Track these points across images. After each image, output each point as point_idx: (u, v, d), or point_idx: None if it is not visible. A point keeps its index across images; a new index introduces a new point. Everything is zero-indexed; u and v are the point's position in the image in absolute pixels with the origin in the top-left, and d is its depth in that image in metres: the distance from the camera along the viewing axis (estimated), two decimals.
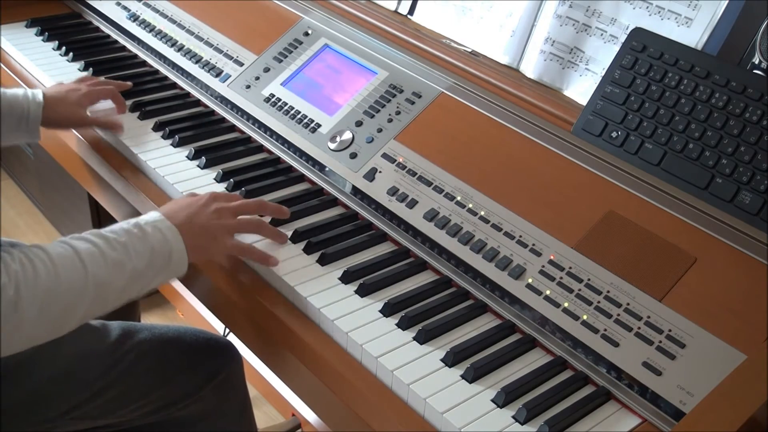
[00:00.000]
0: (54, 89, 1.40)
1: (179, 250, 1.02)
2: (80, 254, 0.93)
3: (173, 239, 1.01)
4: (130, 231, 0.99)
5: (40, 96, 1.34)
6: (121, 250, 0.96)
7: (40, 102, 1.33)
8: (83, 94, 1.40)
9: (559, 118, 1.22)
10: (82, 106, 1.39)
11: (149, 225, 1.01)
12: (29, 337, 0.92)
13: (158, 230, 1.01)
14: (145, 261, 0.98)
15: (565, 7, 1.31)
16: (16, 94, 1.32)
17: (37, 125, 1.34)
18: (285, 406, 1.96)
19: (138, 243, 0.98)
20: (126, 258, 0.96)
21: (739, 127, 1.06)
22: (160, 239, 1.00)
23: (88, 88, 1.42)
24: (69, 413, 1.17)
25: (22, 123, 1.32)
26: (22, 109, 1.32)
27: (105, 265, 0.94)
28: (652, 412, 0.93)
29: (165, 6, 1.69)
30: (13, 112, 1.31)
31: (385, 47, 1.41)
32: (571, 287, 1.03)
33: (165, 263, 1.01)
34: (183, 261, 1.03)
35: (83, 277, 0.92)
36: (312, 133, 1.35)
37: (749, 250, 0.99)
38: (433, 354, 1.01)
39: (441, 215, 1.16)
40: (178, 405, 1.27)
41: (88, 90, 1.41)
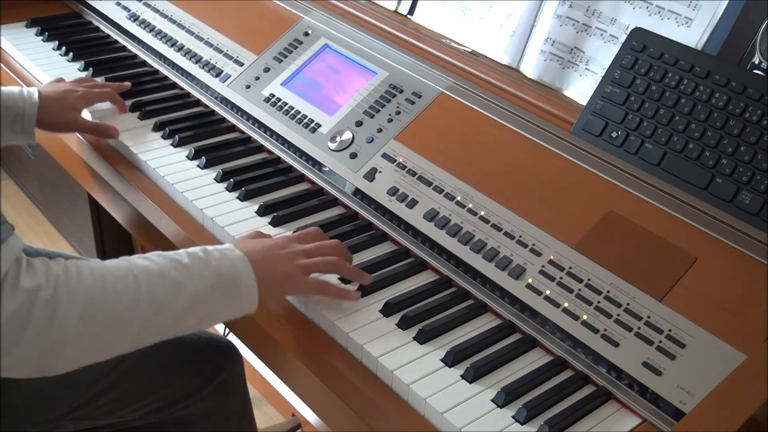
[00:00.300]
0: (51, 88, 1.38)
1: (248, 279, 0.94)
2: (134, 268, 0.88)
3: (242, 267, 0.94)
4: (195, 254, 0.93)
5: (35, 95, 1.32)
6: (182, 270, 0.90)
7: (35, 102, 1.31)
8: (79, 96, 1.39)
9: (559, 118, 1.22)
10: (77, 110, 1.38)
11: (217, 251, 0.95)
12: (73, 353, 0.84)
13: (226, 257, 0.95)
14: (209, 284, 0.91)
15: (565, 7, 1.31)
16: (11, 92, 1.31)
17: (32, 126, 1.32)
18: (285, 406, 1.96)
19: (202, 265, 0.92)
20: (187, 279, 0.90)
21: (739, 127, 1.06)
22: (227, 266, 0.93)
23: (85, 90, 1.40)
24: (70, 414, 1.17)
25: (17, 123, 1.31)
26: (17, 108, 1.30)
27: (161, 282, 0.88)
28: (652, 412, 0.93)
29: (165, 6, 1.69)
30: (8, 111, 1.29)
31: (385, 47, 1.41)
32: (571, 287, 1.03)
33: (232, 292, 0.93)
34: (253, 293, 0.95)
35: (134, 292, 0.86)
36: (312, 133, 1.35)
37: (749, 250, 0.99)
38: (433, 354, 1.01)
39: (441, 215, 1.16)
40: (178, 405, 1.27)
41: (84, 92, 1.40)
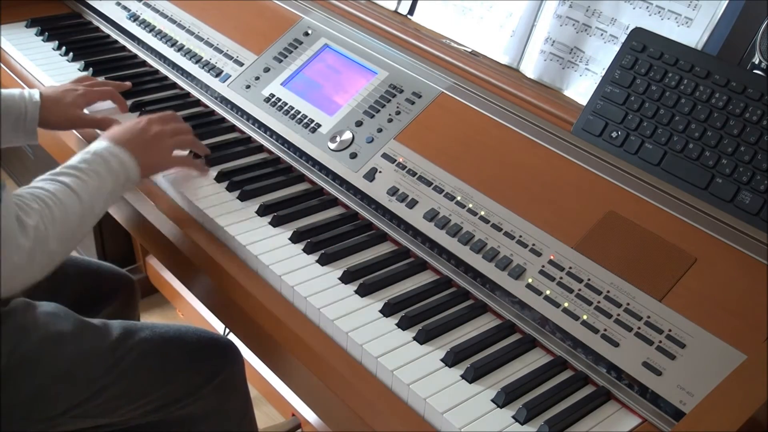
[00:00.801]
0: (51, 89, 1.39)
1: (134, 168, 1.19)
2: (72, 187, 1.10)
3: (127, 160, 1.18)
4: (95, 160, 1.15)
5: (37, 96, 1.33)
6: (94, 176, 1.13)
7: (37, 102, 1.32)
8: (80, 95, 1.39)
9: (559, 118, 1.22)
10: (78, 107, 1.39)
11: (106, 151, 1.17)
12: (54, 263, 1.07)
13: (114, 156, 1.17)
14: (112, 181, 1.16)
15: (565, 7, 1.31)
16: (12, 94, 1.32)
17: (34, 126, 1.33)
18: (285, 406, 1.96)
19: (103, 167, 1.15)
20: (100, 182, 1.14)
21: (739, 127, 1.06)
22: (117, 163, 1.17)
23: (85, 88, 1.41)
24: (70, 412, 1.17)
25: (19, 123, 1.32)
26: (19, 110, 1.31)
27: (89, 190, 1.11)
28: (652, 412, 0.93)
29: (165, 6, 1.69)
30: (11, 112, 1.30)
31: (385, 47, 1.41)
32: (571, 287, 1.03)
33: (124, 181, 1.18)
34: (137, 176, 1.20)
35: (80, 205, 1.09)
36: (312, 133, 1.35)
37: (749, 250, 0.99)
38: (433, 354, 1.01)
39: (441, 215, 1.16)
40: (178, 404, 1.27)
41: (85, 91, 1.41)
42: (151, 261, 2.33)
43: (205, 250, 1.19)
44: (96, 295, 1.47)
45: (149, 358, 1.23)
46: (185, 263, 1.25)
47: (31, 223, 1.01)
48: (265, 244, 1.17)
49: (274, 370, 1.17)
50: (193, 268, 1.23)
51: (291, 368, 1.09)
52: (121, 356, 1.20)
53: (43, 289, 1.27)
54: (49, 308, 1.20)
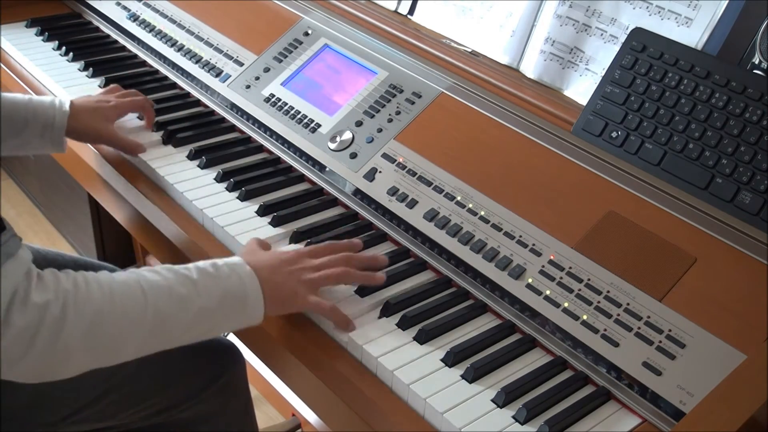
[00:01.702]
0: (83, 99, 1.37)
1: (256, 297, 0.97)
2: (143, 282, 0.90)
3: (250, 285, 0.96)
4: (205, 270, 0.95)
5: (66, 105, 1.31)
6: (190, 286, 0.92)
7: (66, 111, 1.30)
8: (111, 107, 1.37)
9: (559, 118, 1.22)
10: (109, 120, 1.36)
11: (227, 266, 0.96)
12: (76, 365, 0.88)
13: (235, 273, 0.96)
14: (216, 301, 0.93)
15: (565, 7, 1.31)
16: (43, 101, 1.30)
17: (61, 135, 1.30)
18: (285, 406, 1.96)
19: (210, 282, 0.94)
20: (194, 295, 0.92)
21: (739, 127, 1.06)
22: (235, 282, 0.95)
23: (117, 100, 1.38)
24: (71, 416, 1.16)
25: (47, 131, 1.29)
26: (48, 117, 1.29)
27: (169, 298, 0.90)
28: (652, 412, 0.93)
29: (165, 6, 1.69)
30: (38, 119, 1.28)
31: (385, 47, 1.41)
32: (571, 287, 1.03)
33: (239, 308, 0.96)
34: (258, 310, 0.97)
35: (141, 307, 0.88)
36: (312, 133, 1.35)
37: (749, 250, 0.99)
38: (433, 354, 1.01)
39: (441, 215, 1.16)
40: (180, 407, 1.27)
41: (116, 103, 1.38)
42: (151, 261, 2.33)
43: (205, 251, 1.19)
44: None
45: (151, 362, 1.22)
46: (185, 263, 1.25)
47: (37, 300, 0.83)
48: None
49: (274, 370, 1.17)
50: None
51: (291, 368, 1.09)
52: None
53: None
54: None
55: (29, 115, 1.27)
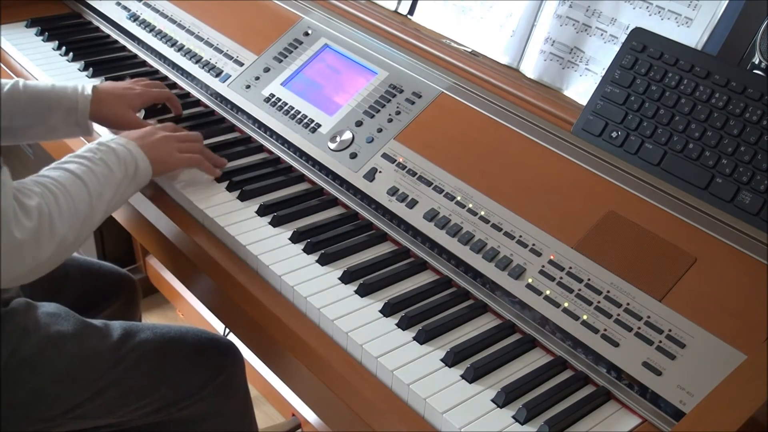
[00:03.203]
0: (108, 84, 1.40)
1: (144, 160, 1.19)
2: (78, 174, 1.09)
3: (137, 153, 1.18)
4: (102, 149, 1.15)
5: (89, 89, 1.34)
6: (102, 164, 1.13)
7: (88, 95, 1.33)
8: (136, 94, 1.39)
9: (559, 118, 1.22)
10: (133, 107, 1.39)
11: (113, 142, 1.17)
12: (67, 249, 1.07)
13: (122, 146, 1.17)
14: (122, 172, 1.15)
15: (565, 7, 1.31)
16: (65, 87, 1.33)
17: (86, 119, 1.34)
18: (285, 406, 1.96)
19: (112, 157, 1.15)
20: (108, 171, 1.13)
21: (739, 127, 1.06)
22: (126, 153, 1.17)
23: (142, 88, 1.41)
24: (70, 412, 1.17)
25: (71, 116, 1.32)
26: (70, 101, 1.32)
27: (96, 178, 1.11)
28: (652, 412, 0.94)
29: (165, 6, 1.69)
30: (62, 104, 1.31)
31: (385, 47, 1.41)
32: (571, 287, 1.03)
33: (134, 173, 1.17)
34: (148, 171, 1.20)
35: (87, 192, 1.09)
36: (312, 133, 1.35)
37: (749, 250, 0.99)
38: (433, 354, 1.01)
39: (441, 215, 1.16)
40: (179, 405, 1.27)
41: (141, 91, 1.40)
42: (151, 261, 2.33)
43: (205, 250, 1.19)
44: (97, 296, 1.47)
45: (150, 359, 1.23)
46: (185, 263, 1.25)
47: (32, 204, 1.01)
48: (265, 244, 1.17)
49: (274, 370, 1.17)
50: (193, 268, 1.23)
51: (291, 368, 1.09)
52: (121, 357, 1.20)
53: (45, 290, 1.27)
54: (50, 309, 1.20)
55: (53, 101, 1.31)
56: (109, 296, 1.50)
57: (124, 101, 1.37)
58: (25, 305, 1.17)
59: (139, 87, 1.41)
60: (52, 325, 1.17)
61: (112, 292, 1.51)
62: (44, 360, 1.14)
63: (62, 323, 1.18)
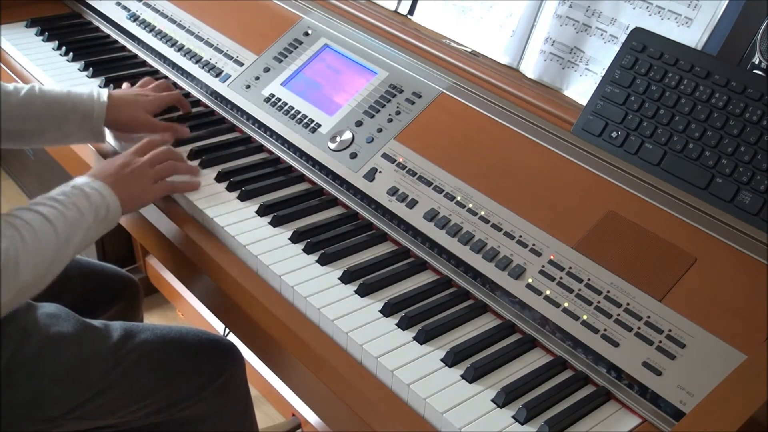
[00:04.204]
0: (122, 91, 1.42)
1: (114, 205, 1.17)
2: (48, 217, 1.08)
3: (109, 197, 1.17)
4: (75, 193, 1.14)
5: (105, 96, 1.35)
6: (73, 209, 1.11)
7: (104, 102, 1.34)
8: (150, 101, 1.41)
9: (559, 118, 1.22)
10: (149, 112, 1.40)
11: (87, 186, 1.16)
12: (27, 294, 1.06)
13: (97, 191, 1.16)
14: (92, 216, 1.13)
15: (565, 7, 1.31)
16: (81, 93, 1.34)
17: (100, 125, 1.35)
18: (285, 406, 1.96)
19: (84, 201, 1.13)
20: (79, 215, 1.12)
21: (739, 127, 1.06)
22: (98, 199, 1.15)
23: (155, 95, 1.42)
24: (70, 413, 1.17)
25: (86, 122, 1.33)
26: (86, 107, 1.33)
27: (67, 223, 1.09)
28: (652, 412, 0.94)
29: (165, 6, 1.69)
30: (77, 110, 1.32)
31: (385, 47, 1.41)
32: (571, 287, 1.03)
33: (104, 216, 1.16)
34: (118, 212, 1.19)
35: (55, 236, 1.07)
36: (312, 133, 1.35)
37: (749, 250, 0.99)
38: (433, 354, 1.01)
39: (441, 215, 1.16)
40: (179, 406, 1.27)
41: (154, 98, 1.42)
42: (151, 261, 2.33)
43: (205, 250, 1.20)
44: (98, 297, 1.47)
45: (150, 360, 1.23)
46: (185, 263, 1.25)
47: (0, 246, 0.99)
48: (265, 244, 1.17)
49: (274, 370, 1.17)
50: (193, 268, 1.23)
51: (291, 368, 1.09)
52: (122, 358, 1.20)
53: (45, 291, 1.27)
54: (51, 309, 1.20)
55: (68, 107, 1.32)
56: (111, 298, 1.50)
57: (139, 106, 1.39)
58: (25, 306, 1.17)
59: (151, 93, 1.43)
60: (52, 326, 1.17)
61: (114, 293, 1.51)
62: (44, 361, 1.14)
63: (62, 324, 1.18)
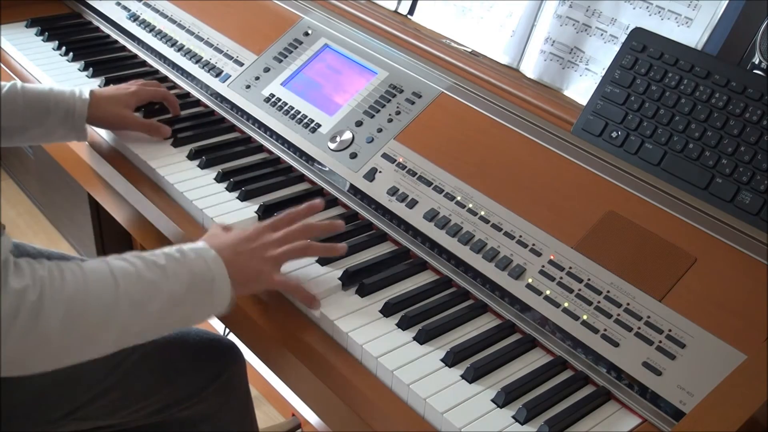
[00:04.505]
0: (104, 88, 1.40)
1: (222, 279, 0.97)
2: (113, 270, 0.90)
3: (216, 268, 0.96)
4: (171, 255, 0.95)
5: (86, 93, 1.34)
6: (158, 271, 0.92)
7: (86, 99, 1.33)
8: (131, 93, 1.39)
9: (559, 118, 1.22)
10: (129, 107, 1.39)
11: (192, 251, 0.97)
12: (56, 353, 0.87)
13: (201, 257, 0.96)
14: (185, 286, 0.93)
15: (565, 7, 1.31)
16: (63, 91, 1.33)
17: (82, 122, 1.34)
18: (285, 406, 1.96)
19: (177, 266, 0.94)
20: (163, 280, 0.92)
21: (739, 127, 1.06)
22: (201, 266, 0.95)
23: (138, 87, 1.41)
24: (71, 414, 1.17)
25: (68, 119, 1.32)
26: (68, 105, 1.32)
27: (138, 283, 0.90)
28: (652, 412, 0.93)
29: (165, 6, 1.69)
30: (60, 107, 1.31)
31: (385, 47, 1.41)
32: (571, 287, 1.03)
33: (206, 292, 0.96)
34: (226, 292, 0.97)
35: (113, 292, 0.88)
36: (312, 133, 1.35)
37: (749, 250, 0.99)
38: (433, 354, 1.01)
39: (441, 215, 1.16)
40: (180, 406, 1.27)
41: (137, 89, 1.40)
42: None
43: None
44: None
45: (151, 360, 1.23)
46: None
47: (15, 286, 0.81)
48: None
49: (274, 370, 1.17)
50: None
51: (291, 368, 1.09)
52: (122, 358, 1.20)
53: None
54: None
55: (51, 104, 1.31)
56: None
57: (119, 101, 1.37)
58: None
59: (135, 85, 1.42)
60: None
61: None
62: None
63: None
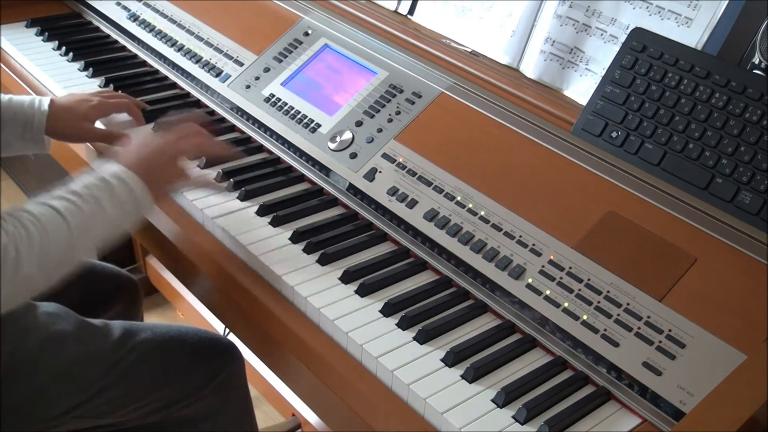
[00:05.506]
0: (65, 99, 1.35)
1: (143, 196, 1.09)
2: (60, 211, 1.00)
3: (137, 188, 1.08)
4: (98, 185, 1.05)
5: (45, 105, 1.30)
6: (92, 203, 1.03)
7: (45, 111, 1.29)
8: (93, 106, 1.35)
9: (559, 118, 1.22)
10: (89, 119, 1.34)
11: (113, 177, 1.07)
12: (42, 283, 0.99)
13: (122, 181, 1.07)
14: (116, 208, 1.06)
15: (565, 7, 1.31)
16: (22, 102, 1.29)
17: (41, 135, 1.30)
18: (285, 406, 1.96)
19: (106, 194, 1.05)
20: (99, 210, 1.04)
21: (739, 127, 1.06)
22: (124, 190, 1.07)
23: (100, 99, 1.36)
24: (70, 412, 1.17)
25: (26, 131, 1.29)
26: (27, 117, 1.28)
27: (81, 215, 1.02)
28: (652, 412, 0.94)
29: (165, 6, 1.69)
30: (18, 119, 1.28)
31: (385, 47, 1.41)
32: (571, 287, 1.03)
33: (133, 208, 1.08)
34: (148, 203, 1.10)
35: (68, 230, 1.00)
36: (312, 133, 1.35)
37: (749, 250, 0.99)
38: (433, 354, 1.01)
39: (441, 215, 1.16)
40: (179, 405, 1.27)
41: (99, 102, 1.36)
42: (151, 261, 2.33)
43: (204, 250, 1.20)
44: (98, 297, 1.47)
45: (150, 359, 1.23)
46: (185, 263, 1.25)
47: None
48: (265, 244, 1.17)
49: (274, 370, 1.17)
50: (193, 268, 1.23)
51: (291, 368, 1.09)
52: (121, 357, 1.20)
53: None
54: (50, 308, 1.20)
55: (8, 116, 1.26)
56: (111, 298, 1.50)
57: (78, 114, 1.32)
58: (24, 305, 1.16)
59: (98, 98, 1.37)
60: (51, 325, 1.17)
61: (113, 293, 1.51)
62: (44, 360, 1.14)
63: (62, 323, 1.18)
